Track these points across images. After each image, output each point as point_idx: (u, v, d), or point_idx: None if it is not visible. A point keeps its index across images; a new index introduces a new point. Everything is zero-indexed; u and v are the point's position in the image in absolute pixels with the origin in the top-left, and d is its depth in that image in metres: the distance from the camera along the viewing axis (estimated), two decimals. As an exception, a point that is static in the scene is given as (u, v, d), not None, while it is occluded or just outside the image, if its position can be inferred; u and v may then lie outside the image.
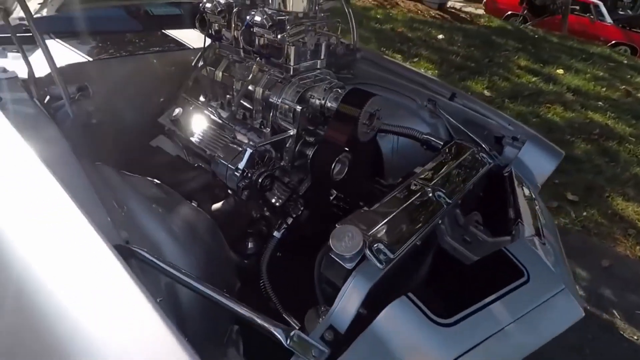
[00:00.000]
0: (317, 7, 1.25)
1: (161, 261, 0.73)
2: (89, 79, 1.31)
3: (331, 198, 1.35)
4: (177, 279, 0.73)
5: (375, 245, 0.86)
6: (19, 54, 1.06)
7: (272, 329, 0.70)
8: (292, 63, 1.18)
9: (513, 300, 0.89)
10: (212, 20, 1.27)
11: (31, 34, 1.14)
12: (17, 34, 0.98)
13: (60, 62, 1.23)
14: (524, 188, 1.34)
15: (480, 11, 9.65)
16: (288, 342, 0.69)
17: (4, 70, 1.05)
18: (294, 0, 1.14)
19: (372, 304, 0.80)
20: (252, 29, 1.17)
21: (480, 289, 0.91)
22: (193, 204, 1.15)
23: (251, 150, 1.09)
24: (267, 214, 1.35)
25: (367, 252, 0.84)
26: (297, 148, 1.24)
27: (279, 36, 1.12)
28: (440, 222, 1.06)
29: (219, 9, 1.21)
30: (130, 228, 0.85)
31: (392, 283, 0.89)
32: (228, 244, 1.30)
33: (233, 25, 1.21)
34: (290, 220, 1.20)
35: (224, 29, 1.30)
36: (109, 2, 1.38)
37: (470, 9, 9.96)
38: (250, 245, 1.39)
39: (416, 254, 1.01)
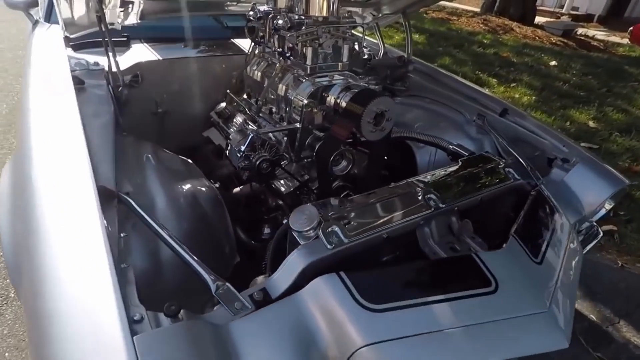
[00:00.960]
0: (339, 12, 1.33)
1: (145, 214, 0.88)
2: (160, 74, 1.62)
3: (342, 195, 1.39)
4: (153, 229, 0.87)
5: (330, 227, 0.90)
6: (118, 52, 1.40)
7: (205, 276, 0.79)
8: (309, 63, 1.29)
9: (469, 306, 0.83)
10: (255, 26, 1.46)
11: (121, 38, 1.48)
12: (106, 39, 1.29)
13: (139, 59, 1.57)
14: (554, 210, 1.18)
15: (625, 40, 8.35)
16: (216, 290, 0.78)
17: (96, 63, 1.39)
18: (312, 5, 1.25)
19: None
20: (278, 32, 1.32)
21: (430, 287, 0.87)
22: (216, 185, 1.32)
23: (252, 135, 1.22)
24: (281, 203, 1.46)
25: (320, 232, 0.88)
26: (307, 142, 1.33)
27: (294, 37, 1.24)
28: (422, 222, 1.03)
29: (258, 16, 1.40)
30: (137, 186, 1.04)
31: (347, 267, 0.90)
32: (244, 227, 1.43)
33: (267, 30, 1.38)
34: None
35: (264, 34, 1.48)
36: (191, 13, 1.68)
37: (614, 38, 8.67)
38: (266, 230, 1.51)
39: (386, 249, 1.00)
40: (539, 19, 9.33)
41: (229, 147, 1.32)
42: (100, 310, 0.61)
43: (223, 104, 1.63)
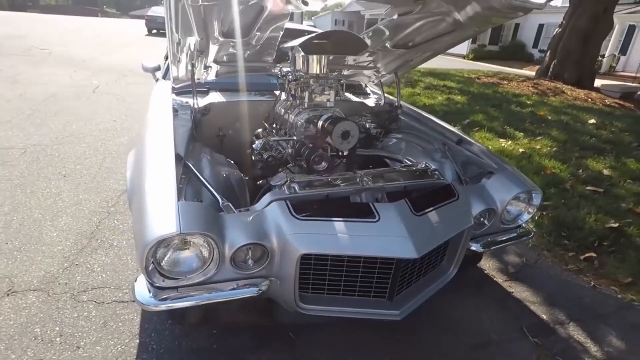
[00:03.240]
0: (327, 71, 2.08)
1: (198, 177, 1.66)
2: (223, 111, 2.53)
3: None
4: (198, 179, 1.64)
5: (292, 184, 1.60)
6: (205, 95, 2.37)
7: (220, 200, 1.52)
8: (305, 101, 2.06)
9: (359, 225, 1.43)
10: (281, 81, 2.31)
11: (203, 89, 2.44)
12: (196, 88, 2.24)
13: (212, 101, 2.49)
14: (454, 196, 1.73)
15: None
16: (222, 204, 1.50)
17: (187, 102, 2.33)
18: (310, 67, 2.03)
19: None
20: (290, 83, 2.13)
21: (336, 213, 1.48)
22: (241, 174, 2.09)
23: (264, 140, 1.99)
24: None
25: (285, 185, 1.59)
26: (302, 150, 2.06)
27: (297, 85, 2.04)
28: (354, 192, 1.66)
29: (282, 74, 2.23)
30: (195, 162, 1.85)
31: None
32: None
33: (286, 83, 2.20)
34: None
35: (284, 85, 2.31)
36: (249, 73, 2.61)
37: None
38: None
39: (329, 202, 1.64)
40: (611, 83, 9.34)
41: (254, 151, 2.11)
42: (165, 197, 1.36)
43: (260, 129, 2.46)
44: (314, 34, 1.86)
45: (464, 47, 22.36)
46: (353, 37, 1.95)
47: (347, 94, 3.09)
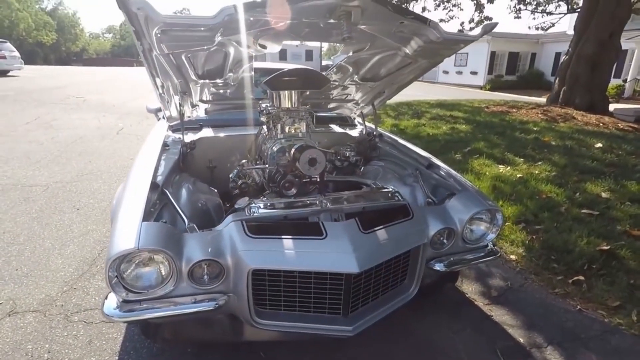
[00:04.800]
0: (298, 105, 2.28)
1: (174, 206, 1.86)
2: (212, 144, 2.76)
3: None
4: (172, 205, 1.83)
5: (252, 207, 1.75)
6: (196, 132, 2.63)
7: (187, 223, 1.69)
8: (279, 131, 2.25)
9: (307, 243, 1.55)
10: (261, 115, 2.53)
11: (196, 125, 2.70)
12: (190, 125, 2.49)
13: (202, 136, 2.74)
14: (409, 216, 1.83)
15: None
16: (187, 226, 1.66)
17: (179, 138, 2.58)
18: (283, 101, 2.24)
19: None
20: (266, 117, 2.34)
21: (288, 232, 1.60)
22: (220, 201, 2.27)
23: (237, 169, 2.17)
24: None
25: (246, 207, 1.74)
26: (275, 176, 2.22)
27: (268, 118, 2.25)
28: (312, 213, 1.79)
29: (261, 109, 2.45)
30: (176, 191, 2.05)
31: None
32: None
33: (265, 116, 2.42)
34: None
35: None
36: (237, 110, 2.86)
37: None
38: None
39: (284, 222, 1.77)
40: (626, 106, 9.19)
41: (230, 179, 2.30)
42: (132, 218, 1.54)
43: (244, 161, 2.66)
44: (279, 72, 2.08)
45: (480, 79, 22.60)
46: (315, 74, 2.16)
47: (332, 126, 3.29)
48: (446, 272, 1.97)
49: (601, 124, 7.37)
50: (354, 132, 3.20)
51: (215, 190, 2.36)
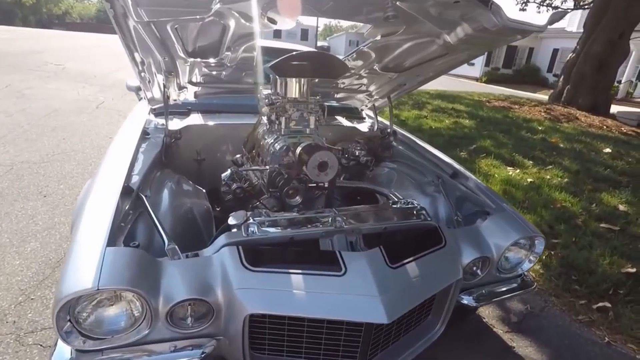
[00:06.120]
0: (308, 95, 1.90)
1: (150, 207, 1.48)
2: (201, 133, 2.36)
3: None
4: (149, 213, 1.45)
5: (250, 225, 1.39)
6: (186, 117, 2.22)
7: (167, 243, 1.32)
8: (282, 126, 1.88)
9: (320, 280, 1.21)
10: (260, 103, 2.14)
11: (183, 110, 2.28)
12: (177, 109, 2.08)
13: (190, 123, 2.33)
14: (442, 242, 1.50)
15: None
16: (167, 247, 1.30)
17: (163, 125, 2.17)
18: (287, 90, 1.86)
19: None
20: (268, 107, 1.95)
21: (296, 261, 1.26)
22: (209, 205, 1.90)
23: (231, 170, 1.80)
24: None
25: (243, 226, 1.38)
26: (276, 180, 1.86)
27: (271, 110, 1.86)
28: (324, 234, 1.44)
29: (262, 96, 2.06)
30: (155, 192, 1.67)
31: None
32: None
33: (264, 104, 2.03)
34: None
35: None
36: (231, 94, 2.46)
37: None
38: None
39: (291, 247, 1.43)
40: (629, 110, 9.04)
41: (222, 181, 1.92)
42: (93, 242, 1.17)
43: (239, 155, 2.28)
44: (289, 55, 1.69)
45: (477, 70, 22.25)
46: (332, 60, 1.78)
47: (339, 118, 2.91)
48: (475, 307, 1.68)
49: (605, 127, 7.18)
50: (363, 127, 2.83)
51: (204, 191, 1.98)
